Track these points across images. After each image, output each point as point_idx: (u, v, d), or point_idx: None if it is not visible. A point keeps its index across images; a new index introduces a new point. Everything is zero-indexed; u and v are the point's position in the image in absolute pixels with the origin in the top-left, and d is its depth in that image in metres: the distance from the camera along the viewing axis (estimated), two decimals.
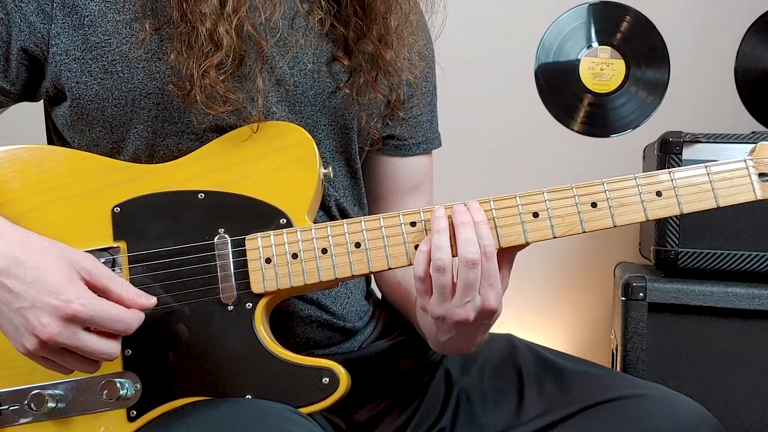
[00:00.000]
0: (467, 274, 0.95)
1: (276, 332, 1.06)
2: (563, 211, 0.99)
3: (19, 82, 1.08)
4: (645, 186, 0.99)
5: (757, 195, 1.00)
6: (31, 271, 0.90)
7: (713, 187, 0.99)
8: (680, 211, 0.99)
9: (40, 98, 1.12)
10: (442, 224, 0.97)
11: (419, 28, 1.21)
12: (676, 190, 0.99)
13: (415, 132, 1.26)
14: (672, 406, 1.04)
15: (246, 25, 1.01)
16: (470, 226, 0.97)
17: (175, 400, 1.00)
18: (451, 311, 0.97)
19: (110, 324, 0.91)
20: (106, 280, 0.93)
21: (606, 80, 2.37)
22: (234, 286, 1.01)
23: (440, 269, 0.96)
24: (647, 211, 0.99)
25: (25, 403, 1.00)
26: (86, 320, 0.90)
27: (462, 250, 0.96)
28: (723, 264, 1.74)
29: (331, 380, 0.99)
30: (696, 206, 0.99)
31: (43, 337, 0.89)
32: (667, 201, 0.99)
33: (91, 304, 0.90)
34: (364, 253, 1.01)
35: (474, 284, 0.96)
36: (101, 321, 0.91)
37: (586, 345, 2.36)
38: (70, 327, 0.89)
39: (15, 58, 1.05)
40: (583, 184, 1.00)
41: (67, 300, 0.89)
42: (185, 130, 1.06)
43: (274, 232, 1.01)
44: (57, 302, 0.88)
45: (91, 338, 0.91)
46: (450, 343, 1.03)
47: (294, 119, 1.10)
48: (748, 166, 1.00)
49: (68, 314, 0.89)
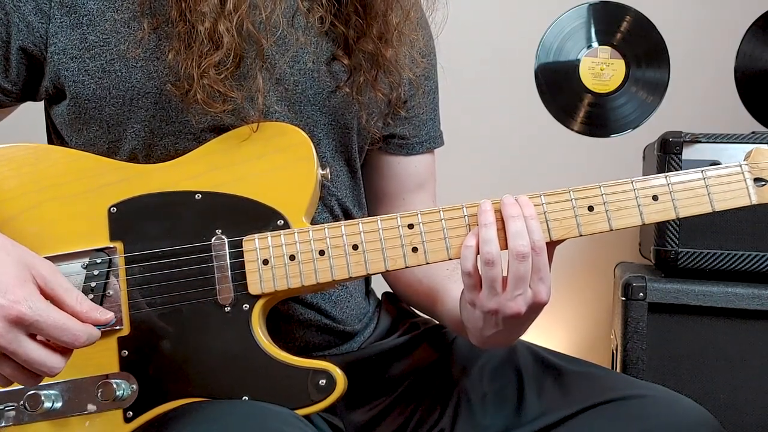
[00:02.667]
0: (518, 267, 0.96)
1: (275, 336, 1.05)
2: (561, 215, 0.99)
3: (20, 81, 1.08)
4: (641, 190, 1.00)
5: (753, 200, 1.00)
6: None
7: (709, 191, 0.99)
8: (676, 216, 1.00)
9: (41, 98, 1.12)
10: (490, 218, 0.98)
11: (420, 25, 1.20)
12: (672, 195, 0.99)
13: (419, 131, 1.26)
14: (672, 406, 1.04)
15: (246, 23, 1.01)
16: (520, 219, 0.97)
17: (171, 401, 1.00)
18: (504, 305, 0.97)
19: (56, 333, 0.87)
20: (62, 290, 0.90)
21: (606, 80, 2.36)
22: (231, 288, 1.01)
23: (489, 263, 0.96)
24: (644, 215, 0.99)
25: (21, 404, 1.00)
26: (31, 324, 0.86)
27: (512, 243, 0.96)
28: (723, 264, 1.74)
29: (328, 382, 0.99)
30: (692, 210, 1.00)
31: None
32: (663, 205, 1.00)
33: (38, 308, 0.86)
34: (361, 255, 1.00)
35: (525, 277, 0.96)
36: (47, 328, 0.87)
37: (586, 345, 2.36)
38: (12, 330, 0.86)
39: (15, 58, 1.05)
40: (579, 188, 1.00)
41: (14, 300, 0.85)
42: (183, 130, 1.06)
43: (271, 234, 1.01)
44: (3, 301, 0.85)
45: (32, 346, 0.87)
46: (495, 337, 1.03)
47: (294, 118, 1.10)
48: (743, 171, 1.00)
49: (12, 315, 0.85)
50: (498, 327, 1.00)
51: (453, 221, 1.00)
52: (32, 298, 0.86)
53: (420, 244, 1.00)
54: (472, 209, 1.00)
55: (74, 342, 0.89)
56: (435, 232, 1.00)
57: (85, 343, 0.90)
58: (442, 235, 1.00)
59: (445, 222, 1.00)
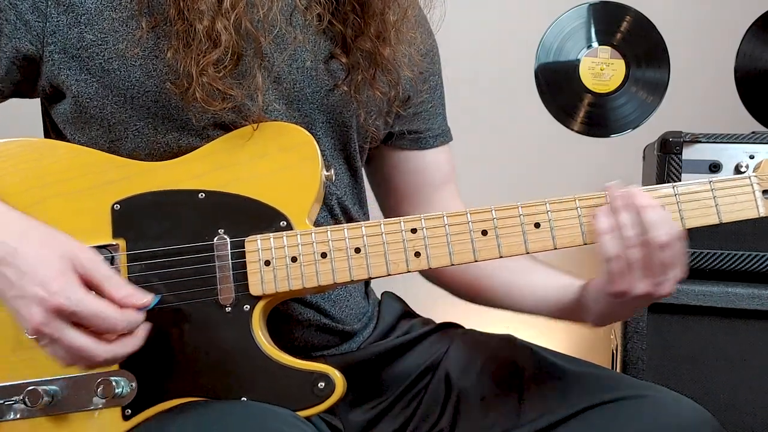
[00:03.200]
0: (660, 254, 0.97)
1: (274, 336, 1.06)
2: (562, 222, 1.01)
3: (9, 80, 1.07)
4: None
5: (761, 212, 1.00)
6: (26, 261, 0.91)
7: (717, 202, 0.99)
8: (683, 227, 0.99)
9: (37, 96, 1.12)
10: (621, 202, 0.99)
11: (418, 23, 1.21)
12: (679, 205, 0.99)
13: (430, 124, 1.28)
14: (672, 407, 1.04)
15: (244, 21, 1.01)
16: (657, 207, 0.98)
17: (170, 400, 1.00)
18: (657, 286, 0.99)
19: (95, 321, 0.91)
20: (102, 277, 0.93)
21: (606, 80, 2.36)
22: (232, 288, 1.01)
23: (635, 245, 0.97)
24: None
25: (20, 399, 1.00)
26: (70, 315, 0.90)
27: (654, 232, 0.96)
28: (723, 264, 1.74)
29: (327, 385, 0.99)
30: (699, 222, 0.99)
31: (32, 325, 0.90)
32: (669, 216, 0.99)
33: (76, 299, 0.90)
34: (363, 258, 1.00)
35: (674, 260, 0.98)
36: (85, 318, 0.90)
37: (586, 345, 2.36)
38: (54, 320, 0.90)
39: (6, 56, 1.05)
40: (584, 197, 1.00)
41: (53, 292, 0.89)
42: (184, 128, 1.06)
43: (273, 235, 1.01)
44: (43, 293, 0.89)
45: (74, 334, 0.91)
46: (617, 315, 1.09)
47: (292, 116, 1.10)
48: (752, 183, 1.00)
49: (52, 306, 0.89)
50: (628, 306, 1.05)
51: (456, 227, 1.00)
52: (71, 289, 0.90)
53: (423, 248, 1.00)
54: (476, 215, 1.00)
55: (113, 329, 0.92)
56: (438, 237, 1.00)
57: (125, 329, 0.93)
58: (446, 240, 1.00)
59: (448, 227, 1.00)
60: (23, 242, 0.93)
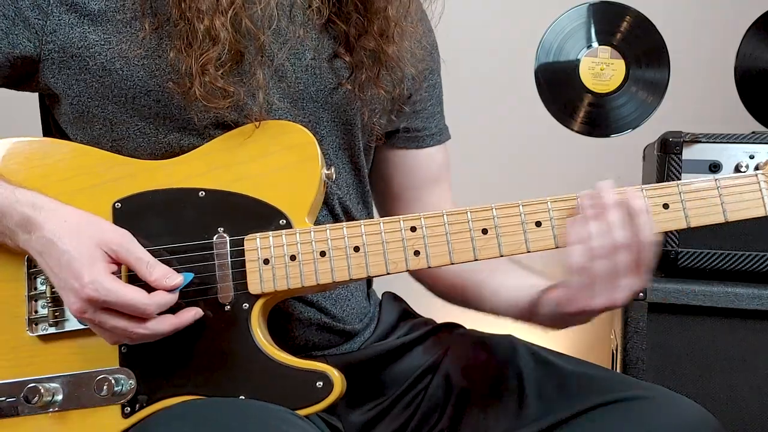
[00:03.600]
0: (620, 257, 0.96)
1: (275, 334, 1.06)
2: (564, 221, 1.00)
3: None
4: (651, 198, 0.98)
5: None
6: (63, 255, 0.95)
7: (722, 201, 0.97)
8: (687, 225, 0.98)
9: (34, 91, 1.13)
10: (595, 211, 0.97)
11: (420, 19, 1.21)
12: (683, 204, 0.97)
13: (428, 123, 1.28)
14: (674, 408, 1.04)
15: (243, 18, 1.02)
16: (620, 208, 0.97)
17: (169, 398, 1.00)
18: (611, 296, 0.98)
19: (126, 309, 0.95)
20: (133, 259, 0.98)
21: (606, 80, 2.36)
22: (231, 287, 1.01)
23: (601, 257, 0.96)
24: (653, 223, 0.97)
25: (21, 396, 1.00)
26: (102, 303, 0.94)
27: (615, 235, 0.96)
28: (723, 264, 1.74)
29: (325, 384, 0.99)
30: (703, 220, 0.98)
31: (73, 312, 0.97)
32: (673, 214, 0.98)
33: (105, 289, 0.94)
34: (362, 257, 1.00)
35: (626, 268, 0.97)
36: (116, 306, 0.94)
37: (586, 345, 2.36)
38: (90, 307, 0.95)
39: (1, 52, 1.06)
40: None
41: (83, 284, 0.94)
42: (186, 127, 1.07)
43: (273, 233, 1.01)
44: (77, 285, 0.94)
45: (112, 319, 0.95)
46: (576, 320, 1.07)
47: (296, 115, 1.10)
48: (759, 181, 0.98)
49: (84, 297, 0.94)
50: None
51: (456, 225, 1.00)
52: (99, 279, 0.94)
53: (422, 247, 1.00)
54: (477, 214, 1.00)
55: (144, 314, 0.96)
56: (438, 236, 1.00)
57: (156, 311, 0.97)
58: (445, 239, 1.00)
59: (448, 226, 1.00)
60: (59, 235, 0.96)
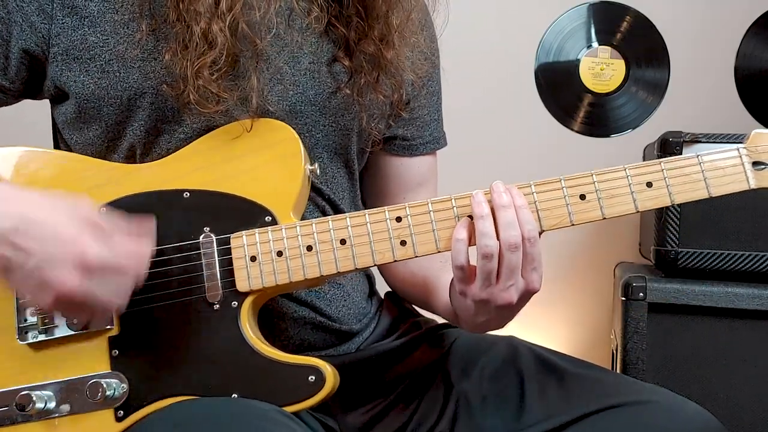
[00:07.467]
0: (510, 257, 0.96)
1: (271, 334, 1.06)
2: (552, 204, 0.99)
3: (19, 80, 1.08)
4: (635, 177, 0.98)
5: (751, 184, 0.97)
6: (43, 227, 0.90)
7: (705, 176, 0.97)
8: (671, 202, 0.97)
9: (42, 97, 1.13)
10: (485, 209, 0.97)
11: (422, 26, 1.20)
12: (667, 180, 0.97)
13: (422, 131, 1.26)
14: (677, 412, 1.02)
15: (240, 23, 1.01)
16: (511, 208, 0.97)
17: (162, 399, 1.00)
18: (496, 295, 0.97)
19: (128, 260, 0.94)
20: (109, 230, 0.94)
21: (606, 80, 2.36)
22: (219, 285, 1.01)
23: (488, 256, 0.96)
24: (637, 202, 0.97)
25: (13, 405, 1.00)
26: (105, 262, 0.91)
27: (504, 234, 0.96)
28: (723, 264, 1.74)
29: (317, 378, 0.98)
30: (688, 196, 0.97)
31: (63, 291, 0.89)
32: (658, 192, 0.97)
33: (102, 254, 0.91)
34: (349, 249, 1.00)
35: (516, 268, 0.96)
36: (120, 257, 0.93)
37: (586, 345, 2.35)
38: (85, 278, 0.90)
39: (15, 57, 1.06)
40: (571, 176, 0.99)
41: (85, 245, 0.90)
42: (179, 130, 1.06)
43: (259, 230, 1.00)
44: (77, 249, 0.89)
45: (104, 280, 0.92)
46: (486, 323, 1.04)
47: (294, 119, 1.09)
48: (741, 155, 0.97)
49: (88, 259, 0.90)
50: (490, 314, 1.01)
51: (442, 213, 1.00)
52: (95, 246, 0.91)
53: (408, 237, 1.00)
54: (462, 201, 0.99)
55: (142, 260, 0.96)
56: (423, 225, 1.00)
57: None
58: (431, 227, 0.99)
59: (433, 214, 1.00)
60: (32, 210, 0.92)
